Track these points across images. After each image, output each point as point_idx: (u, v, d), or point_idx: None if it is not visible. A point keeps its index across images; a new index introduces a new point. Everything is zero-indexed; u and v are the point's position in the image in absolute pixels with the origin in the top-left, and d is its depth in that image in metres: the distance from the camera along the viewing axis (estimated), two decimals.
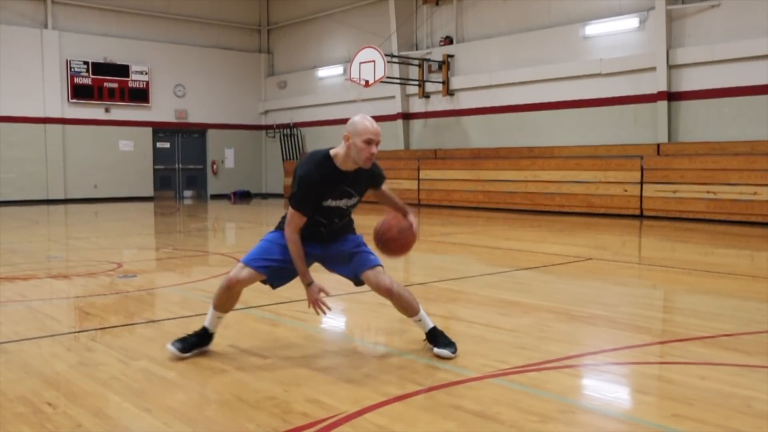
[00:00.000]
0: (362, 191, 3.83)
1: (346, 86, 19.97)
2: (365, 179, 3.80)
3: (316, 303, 3.66)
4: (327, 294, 3.70)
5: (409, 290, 3.86)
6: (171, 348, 3.71)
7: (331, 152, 3.67)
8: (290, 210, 3.65)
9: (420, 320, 3.83)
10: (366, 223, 4.24)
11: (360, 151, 3.57)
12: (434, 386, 3.25)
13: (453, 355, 3.71)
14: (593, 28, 15.07)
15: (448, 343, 3.78)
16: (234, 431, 2.75)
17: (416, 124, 19.20)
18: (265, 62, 24.14)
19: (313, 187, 3.59)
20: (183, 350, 3.71)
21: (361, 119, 3.63)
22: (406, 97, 19.20)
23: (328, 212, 3.72)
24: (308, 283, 3.68)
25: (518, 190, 15.33)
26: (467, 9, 17.72)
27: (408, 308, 3.79)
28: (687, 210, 12.69)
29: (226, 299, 3.78)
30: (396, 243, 3.82)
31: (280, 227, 3.80)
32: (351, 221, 3.97)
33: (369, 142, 3.58)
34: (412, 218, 3.87)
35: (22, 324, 4.61)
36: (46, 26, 19.74)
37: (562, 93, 15.60)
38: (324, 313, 3.71)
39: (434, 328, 3.84)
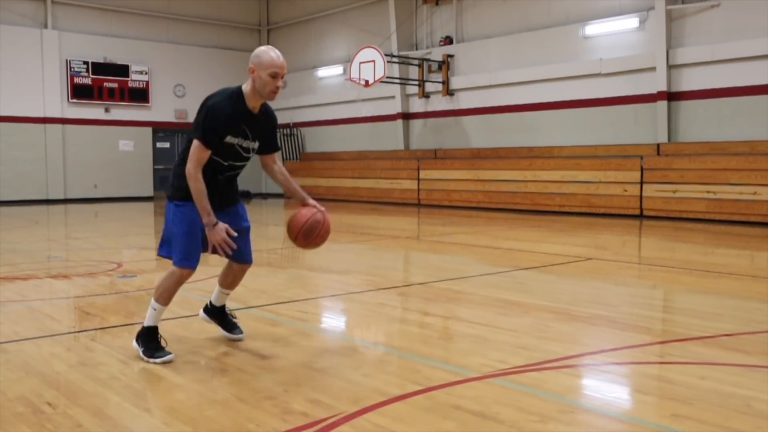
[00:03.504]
0: (258, 136, 3.71)
1: (345, 86, 19.97)
2: (264, 125, 3.71)
3: (222, 243, 3.52)
4: (232, 234, 3.56)
5: None
6: (162, 359, 3.61)
7: (243, 87, 3.59)
8: (194, 143, 3.49)
9: (227, 295, 4.12)
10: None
11: (265, 84, 3.49)
12: (434, 386, 3.25)
13: (242, 336, 4.07)
14: (593, 28, 15.06)
15: (236, 326, 4.11)
16: (234, 431, 2.75)
17: (416, 124, 19.19)
18: None
19: (222, 120, 3.48)
20: (165, 352, 3.65)
21: (266, 50, 3.53)
22: (405, 97, 19.20)
23: (225, 151, 3.58)
24: (213, 224, 3.52)
25: (518, 190, 15.32)
26: (467, 9, 17.72)
27: (236, 284, 4.08)
28: (687, 210, 12.69)
29: (175, 293, 3.75)
30: (318, 237, 3.77)
31: (175, 196, 3.64)
32: (236, 180, 3.89)
33: (275, 76, 3.48)
34: (311, 203, 3.82)
35: (22, 324, 4.61)
36: (46, 26, 19.73)
37: (562, 93, 15.60)
38: (229, 253, 3.58)
39: (225, 308, 4.14)
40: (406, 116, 19.29)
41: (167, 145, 22.42)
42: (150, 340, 3.69)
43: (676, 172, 12.87)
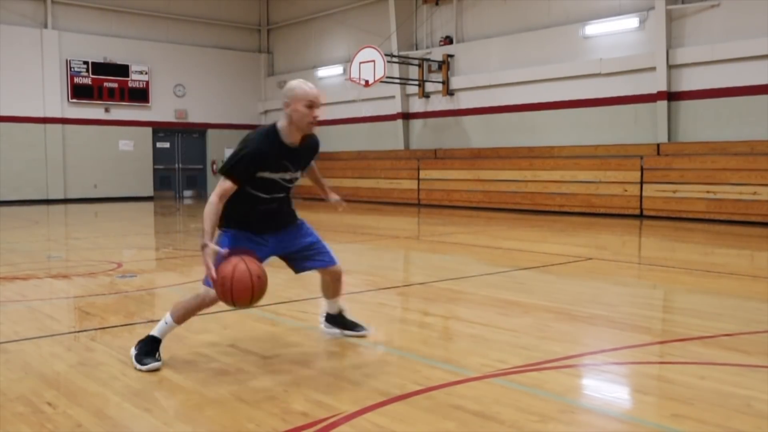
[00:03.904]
0: (300, 166, 3.75)
1: (346, 86, 19.96)
2: (306, 154, 3.75)
3: (204, 265, 3.36)
4: (222, 253, 3.40)
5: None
6: (148, 366, 3.51)
7: (278, 125, 3.59)
8: (221, 180, 3.49)
9: (335, 302, 4.21)
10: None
11: (303, 116, 3.48)
12: (434, 386, 3.25)
13: (367, 331, 4.21)
14: (593, 28, 15.06)
15: (356, 324, 4.23)
16: (234, 431, 2.75)
17: (416, 124, 19.19)
18: (265, 62, 24.14)
19: (254, 159, 3.48)
20: (154, 359, 3.55)
21: (299, 84, 3.54)
22: (405, 97, 19.20)
23: (263, 185, 3.59)
24: (203, 246, 3.35)
25: (518, 190, 15.32)
26: (467, 9, 17.72)
27: (338, 291, 4.15)
28: (687, 210, 12.69)
29: (193, 315, 3.68)
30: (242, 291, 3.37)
31: (220, 225, 3.60)
32: (290, 202, 3.89)
33: (311, 106, 3.48)
34: (334, 197, 4.17)
35: (22, 324, 4.61)
36: (46, 26, 19.73)
37: (562, 93, 15.59)
38: (209, 278, 3.38)
39: (342, 311, 4.24)
40: (406, 116, 19.28)
41: (167, 145, 22.42)
42: (147, 349, 3.59)
43: (676, 172, 12.87)
